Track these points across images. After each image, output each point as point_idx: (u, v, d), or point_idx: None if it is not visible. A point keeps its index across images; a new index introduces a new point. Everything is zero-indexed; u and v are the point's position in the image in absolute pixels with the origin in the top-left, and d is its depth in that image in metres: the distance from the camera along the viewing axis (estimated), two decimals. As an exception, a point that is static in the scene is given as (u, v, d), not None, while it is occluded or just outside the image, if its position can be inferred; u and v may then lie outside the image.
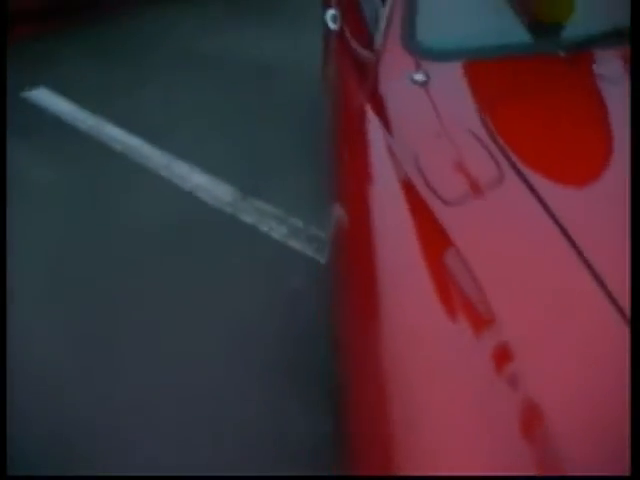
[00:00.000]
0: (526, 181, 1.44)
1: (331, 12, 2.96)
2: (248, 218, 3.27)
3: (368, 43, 2.18)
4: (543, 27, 1.86)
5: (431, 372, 1.16)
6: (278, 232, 3.15)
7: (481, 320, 1.20)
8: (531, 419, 1.07)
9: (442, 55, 1.87)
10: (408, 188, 1.56)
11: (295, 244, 3.07)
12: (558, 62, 1.77)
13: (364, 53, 2.22)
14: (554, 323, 1.17)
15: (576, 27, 1.79)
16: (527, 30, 1.88)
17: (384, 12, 2.03)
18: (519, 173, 1.46)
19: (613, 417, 1.09)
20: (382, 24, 2.02)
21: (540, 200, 1.39)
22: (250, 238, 3.15)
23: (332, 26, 2.84)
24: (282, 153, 3.69)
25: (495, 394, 1.08)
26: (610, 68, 1.77)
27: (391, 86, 1.91)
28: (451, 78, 1.85)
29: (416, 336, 1.24)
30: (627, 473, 1.03)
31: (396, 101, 1.87)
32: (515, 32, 1.88)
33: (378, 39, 2.05)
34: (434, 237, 1.41)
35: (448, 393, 1.11)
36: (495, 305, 1.21)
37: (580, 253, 1.26)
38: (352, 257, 1.58)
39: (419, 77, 1.82)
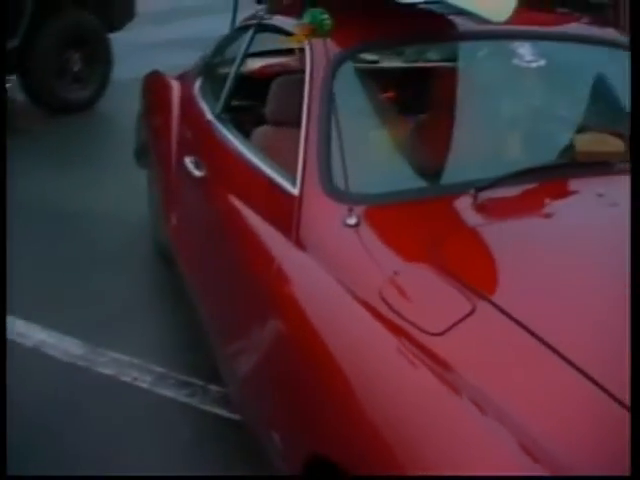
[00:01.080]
0: (495, 305, 1.61)
1: (190, 159, 3.03)
2: (106, 370, 3.14)
3: (269, 190, 2.28)
4: (456, 169, 2.10)
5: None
6: (144, 381, 3.06)
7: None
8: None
9: (366, 199, 2.02)
10: (384, 321, 1.66)
11: (166, 392, 3.00)
12: (474, 200, 1.97)
13: (266, 200, 2.30)
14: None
15: (490, 167, 2.03)
16: (444, 172, 2.10)
17: (299, 157, 2.13)
18: (487, 300, 1.63)
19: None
20: (297, 170, 2.12)
21: (515, 320, 1.56)
22: (115, 390, 3.02)
23: (197, 173, 2.91)
24: (124, 301, 3.63)
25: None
26: (521, 204, 2.04)
27: (321, 231, 2.00)
28: (381, 220, 2.00)
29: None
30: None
31: (331, 244, 1.96)
32: (431, 175, 2.09)
33: (290, 186, 2.15)
34: (432, 364, 1.52)
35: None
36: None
37: (556, 351, 1.46)
38: (339, 388, 1.64)
39: (351, 220, 1.94)
